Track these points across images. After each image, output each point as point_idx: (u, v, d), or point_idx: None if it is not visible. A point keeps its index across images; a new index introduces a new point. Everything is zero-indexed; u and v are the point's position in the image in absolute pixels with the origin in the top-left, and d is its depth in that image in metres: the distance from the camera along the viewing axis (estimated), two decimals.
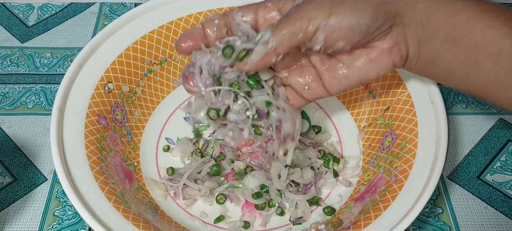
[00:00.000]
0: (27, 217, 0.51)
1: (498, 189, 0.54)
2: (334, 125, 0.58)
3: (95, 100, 0.50)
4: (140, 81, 0.56)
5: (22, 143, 0.56)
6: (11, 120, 0.58)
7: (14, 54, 0.65)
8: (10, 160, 0.55)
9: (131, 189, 0.49)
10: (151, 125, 0.57)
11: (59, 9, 0.72)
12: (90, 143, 0.48)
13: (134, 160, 0.53)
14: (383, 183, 0.47)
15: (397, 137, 0.51)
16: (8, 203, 0.52)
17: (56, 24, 0.70)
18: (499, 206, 0.53)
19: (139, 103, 0.57)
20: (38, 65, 0.64)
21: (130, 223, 0.43)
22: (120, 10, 0.71)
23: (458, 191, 0.54)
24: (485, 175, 0.55)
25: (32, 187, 0.53)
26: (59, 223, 0.50)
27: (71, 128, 0.47)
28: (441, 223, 0.51)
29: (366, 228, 0.43)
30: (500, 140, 0.58)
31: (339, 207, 0.51)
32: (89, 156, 0.46)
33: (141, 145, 0.55)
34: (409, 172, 0.46)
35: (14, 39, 0.67)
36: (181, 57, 0.60)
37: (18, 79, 0.63)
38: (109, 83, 0.53)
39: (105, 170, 0.47)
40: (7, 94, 0.61)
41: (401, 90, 0.52)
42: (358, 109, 0.57)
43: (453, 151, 0.57)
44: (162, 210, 0.49)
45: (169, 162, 0.54)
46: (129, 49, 0.55)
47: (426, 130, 0.48)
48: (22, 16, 0.71)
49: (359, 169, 0.53)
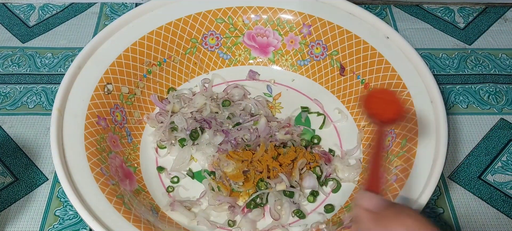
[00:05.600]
0: (28, 216, 0.51)
1: (499, 189, 0.54)
2: (334, 125, 0.58)
3: (94, 102, 0.51)
4: (139, 82, 0.56)
5: (23, 143, 0.57)
6: (12, 120, 0.59)
7: (15, 54, 0.66)
8: (11, 160, 0.55)
9: (132, 190, 0.49)
10: (150, 126, 0.57)
11: (60, 9, 0.72)
12: (90, 144, 0.48)
13: (134, 161, 0.53)
14: (384, 182, 0.47)
15: (397, 136, 0.50)
16: (10, 203, 0.52)
17: (57, 24, 0.70)
18: (500, 206, 0.53)
19: (139, 105, 0.57)
20: (39, 65, 0.64)
21: (131, 224, 0.43)
22: (121, 11, 0.71)
23: (459, 191, 0.54)
24: (486, 175, 0.55)
25: (33, 187, 0.53)
26: (60, 223, 0.50)
27: (71, 130, 0.48)
28: (442, 223, 0.51)
29: None
30: (501, 140, 0.58)
31: (339, 206, 0.51)
32: (89, 157, 0.46)
33: (141, 146, 0.55)
34: (410, 171, 0.46)
35: (15, 39, 0.68)
36: (179, 58, 0.60)
37: (19, 79, 0.63)
38: (108, 84, 0.53)
39: (106, 171, 0.47)
40: (8, 94, 0.61)
41: (400, 89, 0.52)
42: (358, 109, 0.57)
43: (454, 151, 0.57)
44: (163, 211, 0.50)
45: (169, 163, 0.54)
46: (128, 50, 0.55)
47: (426, 128, 0.48)
48: (23, 16, 0.71)
49: (359, 168, 0.53)
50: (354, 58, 0.57)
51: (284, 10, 0.59)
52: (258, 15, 0.60)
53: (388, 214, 0.32)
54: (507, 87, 0.63)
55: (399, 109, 0.40)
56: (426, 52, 0.67)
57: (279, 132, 0.56)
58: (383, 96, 0.41)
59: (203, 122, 0.56)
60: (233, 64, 0.62)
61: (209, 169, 0.54)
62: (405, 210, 0.31)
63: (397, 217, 0.31)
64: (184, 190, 0.52)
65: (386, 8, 0.73)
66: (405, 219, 0.30)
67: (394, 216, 0.31)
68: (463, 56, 0.67)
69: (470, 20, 0.71)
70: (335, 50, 0.58)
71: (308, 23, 0.59)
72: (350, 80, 0.58)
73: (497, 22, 0.71)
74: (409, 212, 0.31)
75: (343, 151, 0.55)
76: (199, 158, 0.54)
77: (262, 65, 0.63)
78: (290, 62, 0.62)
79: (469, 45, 0.68)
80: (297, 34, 0.60)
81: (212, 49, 0.61)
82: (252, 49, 0.62)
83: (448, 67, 0.65)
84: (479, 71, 0.65)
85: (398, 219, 0.31)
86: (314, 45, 0.60)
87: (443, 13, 0.73)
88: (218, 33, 0.60)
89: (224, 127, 0.56)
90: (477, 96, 0.62)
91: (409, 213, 0.31)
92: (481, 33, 0.70)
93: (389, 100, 0.40)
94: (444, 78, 0.64)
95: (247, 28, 0.61)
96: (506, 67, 0.65)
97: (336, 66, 0.59)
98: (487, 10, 0.73)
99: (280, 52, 0.62)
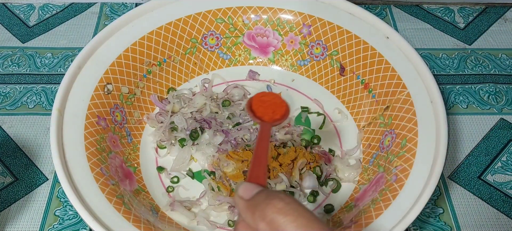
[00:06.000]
0: (28, 217, 0.51)
1: (499, 189, 0.54)
2: (334, 125, 0.58)
3: (94, 102, 0.51)
4: (139, 83, 0.56)
5: (23, 143, 0.57)
6: (12, 120, 0.59)
7: (15, 54, 0.66)
8: (11, 160, 0.55)
9: (131, 190, 0.49)
10: (150, 126, 0.57)
11: (60, 9, 0.72)
12: (90, 144, 0.48)
13: (134, 161, 0.53)
14: (384, 182, 0.47)
15: (397, 136, 0.50)
16: (9, 203, 0.52)
17: (57, 24, 0.70)
18: (500, 206, 0.53)
19: (139, 105, 0.57)
20: (39, 65, 0.64)
21: (131, 224, 0.43)
22: (121, 10, 0.71)
23: (459, 191, 0.54)
24: (486, 175, 0.55)
25: (33, 187, 0.53)
26: (60, 223, 0.50)
27: (71, 130, 0.48)
28: (442, 223, 0.51)
29: (367, 227, 0.43)
30: (501, 140, 0.58)
31: (339, 206, 0.51)
32: (89, 157, 0.46)
33: (141, 146, 0.55)
34: (410, 171, 0.46)
35: (15, 39, 0.68)
36: (179, 58, 0.60)
37: (19, 79, 0.63)
38: (108, 84, 0.53)
39: (106, 171, 0.47)
40: (8, 94, 0.61)
41: (400, 89, 0.52)
42: (358, 109, 0.57)
43: (454, 151, 0.57)
44: (163, 211, 0.50)
45: (169, 163, 0.54)
46: (128, 50, 0.55)
47: (426, 128, 0.48)
48: (23, 16, 0.71)
49: (359, 168, 0.53)
50: (354, 58, 0.57)
51: (284, 10, 0.59)
52: (258, 15, 0.60)
53: (260, 199, 0.32)
54: (507, 87, 0.63)
55: (286, 110, 0.42)
56: (426, 52, 0.67)
57: (279, 132, 0.56)
58: (269, 99, 0.43)
59: (203, 122, 0.56)
60: (233, 64, 0.62)
61: (209, 169, 0.53)
62: (278, 194, 0.32)
63: (268, 201, 0.31)
64: (184, 190, 0.52)
65: (386, 8, 0.73)
66: (277, 202, 0.31)
67: (265, 201, 0.31)
68: (463, 56, 0.67)
69: (470, 20, 0.71)
70: (335, 50, 0.58)
71: (308, 23, 0.59)
72: (350, 80, 0.58)
73: (497, 22, 0.71)
74: (282, 196, 0.31)
75: (343, 151, 0.55)
76: (199, 158, 0.54)
77: (262, 65, 0.63)
78: (290, 62, 0.62)
79: (469, 45, 0.68)
80: (297, 34, 0.60)
81: (212, 49, 0.61)
82: (252, 49, 0.62)
83: (448, 67, 0.65)
84: (479, 71, 0.65)
85: (269, 203, 0.31)
86: (314, 45, 0.60)
87: (443, 13, 0.73)
88: (218, 33, 0.60)
89: (224, 127, 0.56)
90: (477, 96, 0.62)
91: (281, 197, 0.31)
92: (481, 33, 0.70)
93: (277, 103, 0.42)
94: (444, 78, 0.64)
95: (247, 28, 0.61)
96: (506, 67, 0.65)
97: (336, 66, 0.59)
98: (487, 10, 0.73)
99: (280, 52, 0.62)
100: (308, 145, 0.55)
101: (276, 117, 0.42)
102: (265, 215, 0.31)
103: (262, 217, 0.31)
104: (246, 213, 0.33)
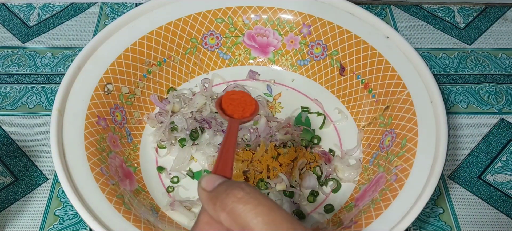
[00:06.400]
0: (28, 217, 0.51)
1: (499, 189, 0.54)
2: (334, 125, 0.58)
3: (94, 102, 0.51)
4: (139, 82, 0.56)
5: (23, 143, 0.57)
6: (12, 120, 0.59)
7: (15, 54, 0.66)
8: (11, 160, 0.55)
9: (131, 190, 0.49)
10: (150, 126, 0.57)
11: (60, 9, 0.72)
12: (90, 144, 0.48)
13: (134, 161, 0.53)
14: (384, 182, 0.47)
15: (397, 135, 0.50)
16: (9, 203, 0.52)
17: (57, 24, 0.70)
18: (500, 206, 0.53)
19: (139, 105, 0.57)
20: (39, 65, 0.64)
21: (131, 224, 0.43)
22: (121, 10, 0.71)
23: (459, 191, 0.54)
24: (486, 175, 0.55)
25: (33, 187, 0.53)
26: (60, 223, 0.50)
27: (71, 130, 0.48)
28: (442, 223, 0.51)
29: (367, 227, 0.43)
30: (501, 140, 0.58)
31: (339, 206, 0.51)
32: (89, 157, 0.46)
33: (141, 146, 0.55)
34: (410, 171, 0.46)
35: (15, 39, 0.68)
36: (179, 58, 0.60)
37: (19, 79, 0.63)
38: (108, 84, 0.53)
39: (106, 171, 0.47)
40: (8, 94, 0.61)
41: (400, 89, 0.52)
42: (358, 109, 0.57)
43: (454, 151, 0.57)
44: (163, 211, 0.50)
45: (169, 163, 0.54)
46: (128, 50, 0.55)
47: (426, 128, 0.48)
48: (23, 16, 0.71)
49: (359, 168, 0.53)
50: (354, 58, 0.57)
51: (284, 10, 0.59)
52: (258, 15, 0.60)
53: (221, 189, 0.32)
54: (507, 87, 0.63)
55: (255, 108, 0.43)
56: (426, 52, 0.67)
57: (279, 132, 0.56)
58: (239, 97, 0.43)
59: (203, 122, 0.56)
60: (233, 64, 0.62)
61: (209, 169, 0.53)
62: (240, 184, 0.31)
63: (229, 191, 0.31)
64: (184, 190, 0.52)
65: (386, 8, 0.73)
66: (237, 192, 0.31)
67: (226, 191, 0.31)
68: (463, 56, 0.67)
69: (470, 20, 0.71)
70: (335, 50, 0.58)
71: (308, 23, 0.59)
72: (350, 80, 0.58)
73: (497, 22, 0.71)
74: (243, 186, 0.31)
75: (343, 151, 0.55)
76: (199, 158, 0.54)
77: (262, 65, 0.63)
78: (290, 62, 0.62)
79: (469, 45, 0.68)
80: (297, 34, 0.60)
81: (212, 49, 0.61)
82: (252, 49, 0.62)
83: (448, 67, 0.65)
84: (479, 71, 0.65)
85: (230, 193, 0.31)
86: (314, 45, 0.60)
87: (443, 13, 0.73)
88: (218, 33, 0.60)
89: (224, 127, 0.56)
90: (477, 96, 0.62)
91: (242, 186, 0.31)
92: (481, 33, 0.70)
93: (246, 101, 0.43)
94: (444, 78, 0.64)
95: (247, 28, 0.61)
96: (506, 67, 0.65)
97: (336, 66, 0.59)
98: (487, 10, 0.73)
99: (280, 52, 0.62)
100: (308, 145, 0.55)
101: (245, 114, 0.42)
102: (225, 204, 0.31)
103: (222, 207, 0.31)
104: (208, 204, 0.32)
